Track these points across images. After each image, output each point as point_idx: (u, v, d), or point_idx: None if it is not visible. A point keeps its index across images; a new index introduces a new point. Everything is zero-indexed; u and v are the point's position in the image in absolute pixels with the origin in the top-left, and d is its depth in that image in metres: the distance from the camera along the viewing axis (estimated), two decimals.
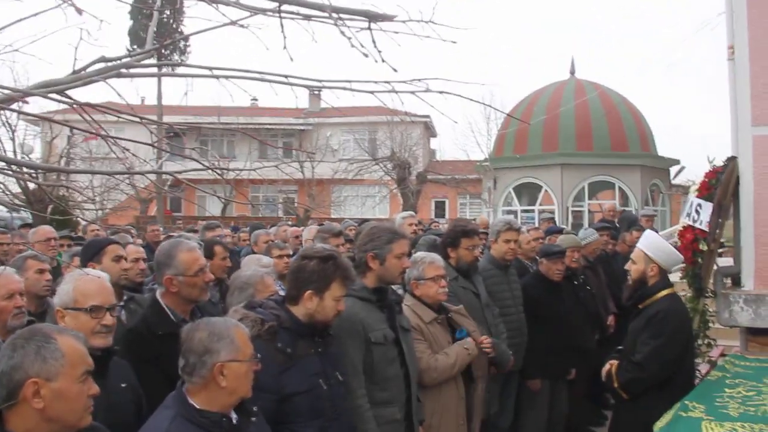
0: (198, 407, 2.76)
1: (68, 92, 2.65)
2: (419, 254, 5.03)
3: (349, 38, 2.27)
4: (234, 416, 2.86)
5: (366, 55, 2.23)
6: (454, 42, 2.40)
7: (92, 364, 2.43)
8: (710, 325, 6.39)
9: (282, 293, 3.95)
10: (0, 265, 4.61)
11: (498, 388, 6.01)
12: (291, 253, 6.55)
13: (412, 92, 2.54)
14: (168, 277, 3.76)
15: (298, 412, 3.33)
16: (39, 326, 2.50)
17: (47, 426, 2.31)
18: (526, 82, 77.83)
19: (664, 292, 4.85)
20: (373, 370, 3.90)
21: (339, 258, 3.60)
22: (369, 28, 2.36)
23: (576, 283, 7.30)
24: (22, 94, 2.17)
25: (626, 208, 22.88)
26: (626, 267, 5.17)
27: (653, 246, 4.96)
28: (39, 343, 2.32)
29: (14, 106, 2.54)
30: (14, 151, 20.76)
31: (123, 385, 3.25)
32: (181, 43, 34.76)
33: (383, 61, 2.26)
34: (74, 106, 2.27)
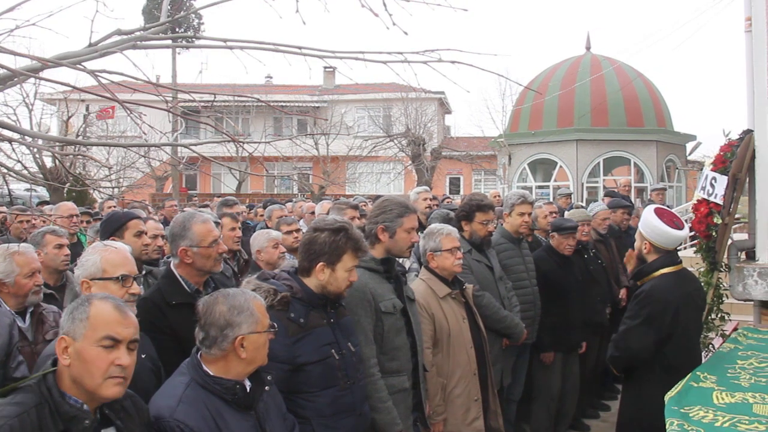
0: (212, 374, 2.83)
1: (84, 64, 2.68)
2: (435, 226, 5.06)
3: None
4: (248, 384, 2.93)
5: (377, 15, 2.24)
6: (465, 10, 2.40)
7: (121, 334, 2.45)
8: (724, 298, 6.38)
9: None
10: (21, 242, 4.71)
11: (512, 360, 6.07)
12: (300, 228, 6.60)
13: (425, 62, 2.55)
14: (182, 248, 3.81)
15: (310, 381, 3.38)
16: (94, 293, 2.64)
17: (76, 388, 2.38)
18: (540, 57, 77.25)
19: (662, 271, 4.70)
20: (383, 340, 3.95)
21: (350, 229, 3.62)
22: None
23: (587, 256, 7.31)
24: (41, 64, 2.21)
25: (641, 184, 22.80)
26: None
27: (644, 223, 4.85)
28: (76, 304, 2.46)
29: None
30: (31, 129, 20.86)
31: (143, 356, 3.32)
32: (195, 21, 34.66)
33: (394, 24, 2.27)
34: (90, 74, 2.31)
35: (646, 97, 23.96)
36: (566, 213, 7.94)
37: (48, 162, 19.94)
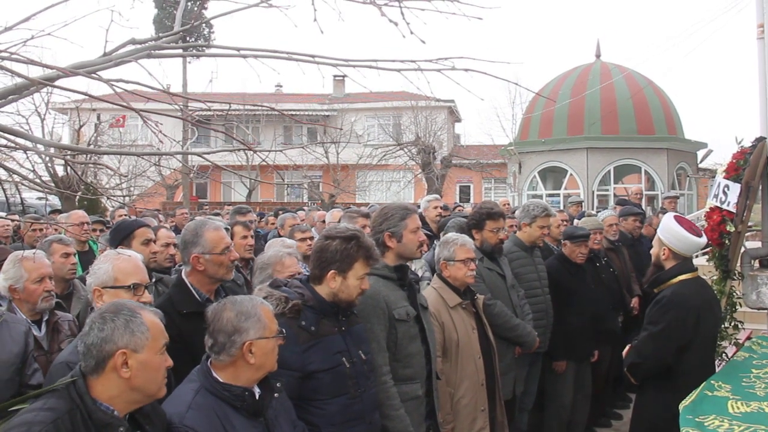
0: (222, 381, 2.85)
1: (99, 73, 2.70)
2: (451, 235, 5.08)
3: (380, 6, 2.29)
4: (257, 391, 2.94)
5: (396, 24, 2.25)
6: (480, 18, 2.40)
7: (168, 338, 2.59)
8: (737, 307, 6.33)
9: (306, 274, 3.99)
10: (32, 250, 4.73)
11: (525, 369, 6.05)
12: (313, 236, 6.61)
13: (438, 70, 2.55)
14: (195, 255, 3.80)
15: (320, 389, 3.38)
16: (123, 302, 2.64)
17: (131, 395, 2.46)
18: (550, 66, 77.16)
19: (680, 278, 4.69)
20: (397, 347, 3.94)
21: (362, 237, 3.62)
22: (399, 4, 2.38)
23: (598, 264, 7.28)
24: (57, 73, 2.23)
25: (652, 192, 22.73)
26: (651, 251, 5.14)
27: (663, 229, 4.84)
28: (126, 317, 2.48)
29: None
30: (43, 137, 20.93)
31: None
32: (206, 31, 34.82)
33: (411, 33, 2.28)
34: (107, 83, 2.33)
35: (656, 104, 23.90)
36: (577, 221, 7.91)
37: (60, 171, 20.03)
